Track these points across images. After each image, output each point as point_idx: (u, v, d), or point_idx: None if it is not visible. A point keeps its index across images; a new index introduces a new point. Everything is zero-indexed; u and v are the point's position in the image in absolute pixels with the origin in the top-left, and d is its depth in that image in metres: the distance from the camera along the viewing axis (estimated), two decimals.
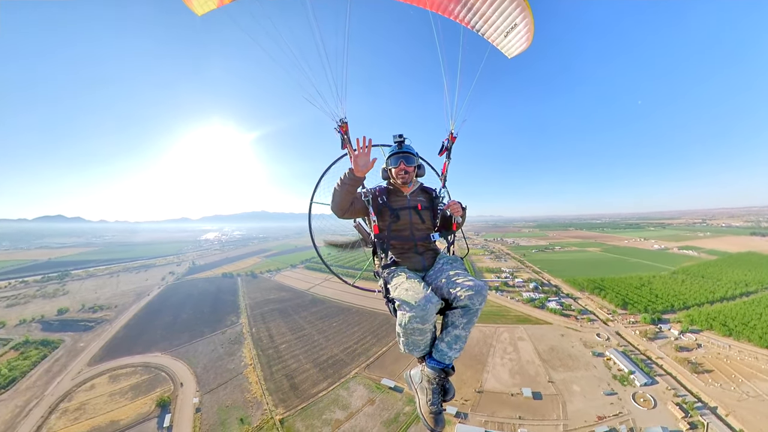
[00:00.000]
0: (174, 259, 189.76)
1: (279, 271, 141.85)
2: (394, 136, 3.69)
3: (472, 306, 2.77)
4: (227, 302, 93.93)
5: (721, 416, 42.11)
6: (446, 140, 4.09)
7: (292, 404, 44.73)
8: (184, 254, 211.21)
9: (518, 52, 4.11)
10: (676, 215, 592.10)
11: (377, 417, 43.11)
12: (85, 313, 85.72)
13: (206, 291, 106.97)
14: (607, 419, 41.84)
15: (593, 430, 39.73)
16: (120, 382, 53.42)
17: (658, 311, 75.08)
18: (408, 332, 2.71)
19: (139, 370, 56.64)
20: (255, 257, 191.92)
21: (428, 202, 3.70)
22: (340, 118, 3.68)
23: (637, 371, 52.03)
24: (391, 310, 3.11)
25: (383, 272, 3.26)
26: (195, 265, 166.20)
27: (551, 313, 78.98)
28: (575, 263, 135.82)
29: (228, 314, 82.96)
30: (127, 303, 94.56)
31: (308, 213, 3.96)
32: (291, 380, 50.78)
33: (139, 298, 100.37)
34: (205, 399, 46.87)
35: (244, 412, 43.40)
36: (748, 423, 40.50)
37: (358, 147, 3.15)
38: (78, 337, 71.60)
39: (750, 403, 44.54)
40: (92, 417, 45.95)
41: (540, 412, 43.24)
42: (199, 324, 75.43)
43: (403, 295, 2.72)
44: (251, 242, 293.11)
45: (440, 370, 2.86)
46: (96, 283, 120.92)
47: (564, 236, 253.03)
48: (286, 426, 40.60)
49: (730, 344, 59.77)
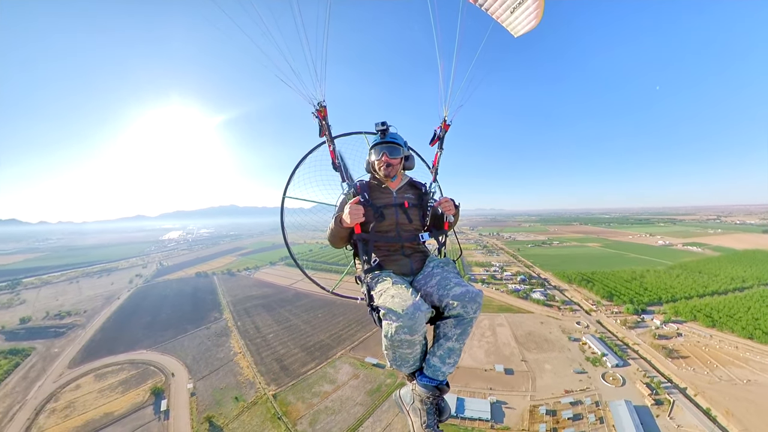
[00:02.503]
0: (138, 261, 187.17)
1: (258, 269, 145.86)
2: (376, 125, 3.44)
3: (466, 315, 2.68)
4: (207, 300, 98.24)
5: (690, 396, 47.16)
6: (439, 128, 3.83)
7: (283, 382, 52.03)
8: (148, 256, 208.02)
9: (525, 30, 3.86)
10: (691, 211, 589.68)
11: (361, 388, 51.36)
12: (52, 320, 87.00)
13: (182, 291, 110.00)
14: (573, 393, 48.24)
15: (559, 401, 46.58)
16: (107, 379, 57.90)
17: (644, 303, 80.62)
18: (395, 345, 2.59)
19: (125, 366, 61.18)
20: (229, 256, 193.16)
21: (417, 198, 3.54)
22: (318, 102, 3.43)
23: (609, 353, 57.56)
24: (375, 320, 2.98)
25: (366, 277, 3.07)
26: (163, 266, 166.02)
27: (534, 303, 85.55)
28: (570, 258, 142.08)
29: (210, 311, 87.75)
30: (96, 307, 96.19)
31: (281, 210, 3.87)
32: (281, 363, 57.88)
33: (109, 302, 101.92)
34: (198, 385, 52.97)
35: (238, 392, 50.16)
36: (716, 402, 45.41)
37: (352, 205, 3.04)
38: (50, 344, 73.90)
39: (721, 385, 49.35)
40: (84, 412, 50.49)
41: (510, 385, 50.42)
42: (181, 322, 79.90)
43: (389, 303, 2.58)
44: (222, 240, 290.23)
45: (434, 387, 2.72)
46: (54, 290, 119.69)
47: (566, 231, 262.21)
48: (279, 399, 47.93)
49: (712, 334, 64.71)
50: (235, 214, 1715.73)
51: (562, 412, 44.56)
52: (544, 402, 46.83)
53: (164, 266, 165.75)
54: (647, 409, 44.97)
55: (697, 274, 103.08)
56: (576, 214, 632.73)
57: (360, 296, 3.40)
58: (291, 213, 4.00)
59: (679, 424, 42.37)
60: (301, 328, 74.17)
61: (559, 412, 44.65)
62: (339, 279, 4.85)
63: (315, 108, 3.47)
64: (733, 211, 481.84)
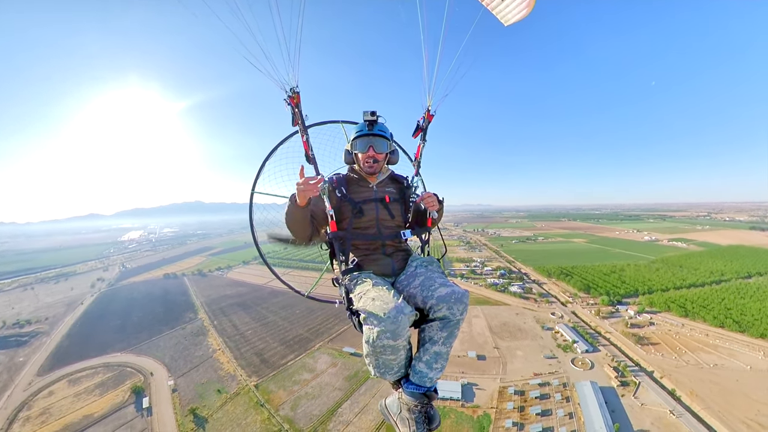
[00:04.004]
0: (97, 264, 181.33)
1: (231, 269, 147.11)
2: (365, 113, 3.27)
3: (452, 317, 2.67)
4: (179, 302, 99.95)
5: (656, 378, 51.59)
6: (422, 119, 3.77)
7: (264, 373, 57.13)
8: (108, 258, 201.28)
9: (516, 19, 3.85)
10: (683, 207, 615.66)
11: (340, 375, 57.49)
12: (11, 329, 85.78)
13: (151, 293, 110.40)
14: (542, 375, 52.84)
15: (528, 382, 51.56)
16: (82, 384, 60.13)
17: (620, 295, 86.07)
18: (378, 351, 2.52)
19: (100, 370, 63.45)
20: (198, 256, 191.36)
21: (398, 193, 3.47)
22: (291, 87, 3.33)
23: (580, 340, 62.05)
24: (355, 324, 2.93)
25: (344, 279, 3.01)
26: (126, 269, 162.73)
27: (511, 296, 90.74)
28: (553, 253, 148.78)
29: (184, 312, 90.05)
30: (59, 314, 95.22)
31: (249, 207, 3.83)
32: (261, 356, 62.76)
33: (72, 307, 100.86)
34: (179, 381, 56.84)
35: (220, 385, 54.70)
36: (682, 384, 49.82)
37: (306, 181, 2.79)
38: (13, 353, 73.84)
39: (688, 369, 54.10)
40: (61, 417, 52.89)
41: (482, 369, 54.90)
42: (154, 323, 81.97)
43: (370, 306, 2.52)
44: (189, 240, 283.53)
45: (421, 395, 2.68)
46: (8, 298, 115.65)
47: (553, 227, 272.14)
48: (261, 389, 53.08)
49: (684, 323, 69.75)
50: (201, 211, 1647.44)
51: (529, 392, 49.79)
52: (514, 384, 51.98)
53: (128, 269, 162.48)
54: (613, 390, 50.05)
55: (678, 268, 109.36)
56: (566, 210, 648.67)
57: (338, 300, 3.39)
58: (263, 209, 3.91)
59: (643, 403, 47.51)
60: (279, 324, 78.86)
61: (527, 392, 49.86)
62: (315, 282, 4.65)
63: (287, 94, 3.37)
64: (724, 209, 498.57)
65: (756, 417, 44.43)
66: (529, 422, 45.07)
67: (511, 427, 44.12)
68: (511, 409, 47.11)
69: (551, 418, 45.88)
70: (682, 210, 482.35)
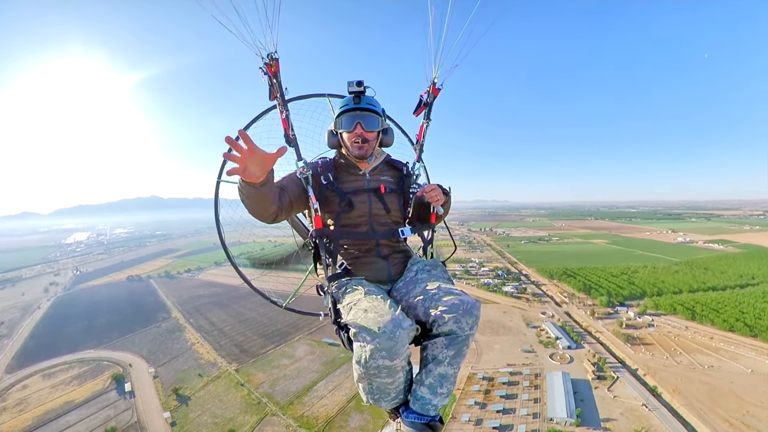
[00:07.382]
0: (45, 268, 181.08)
1: (202, 270, 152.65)
2: (349, 83, 2.94)
3: (460, 332, 2.35)
4: (149, 302, 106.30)
5: (639, 375, 54.48)
6: (425, 93, 3.44)
7: (244, 360, 66.39)
8: (56, 262, 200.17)
9: None
10: (736, 205, 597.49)
11: (317, 360, 67.50)
12: None
13: (115, 296, 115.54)
14: (515, 365, 57.24)
15: (498, 370, 56.24)
16: (58, 377, 66.84)
17: (623, 296, 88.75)
18: (371, 373, 2.22)
19: (74, 365, 70.18)
20: (161, 259, 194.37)
21: (396, 182, 3.16)
22: (269, 53, 2.99)
23: (563, 336, 65.42)
24: (344, 341, 2.59)
25: (330, 286, 2.74)
26: (81, 272, 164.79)
27: (503, 295, 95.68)
28: (564, 255, 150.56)
29: (155, 312, 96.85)
30: (15, 318, 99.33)
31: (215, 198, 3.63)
32: (240, 347, 71.77)
33: (28, 312, 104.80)
34: (160, 370, 64.99)
35: (201, 371, 63.38)
36: (666, 382, 52.21)
37: (239, 148, 2.16)
38: None
39: (678, 369, 56.65)
40: (40, 405, 59.88)
41: None
42: (125, 323, 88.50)
43: (361, 319, 2.22)
44: (148, 242, 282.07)
45: (424, 425, 2.38)
46: None
47: (574, 227, 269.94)
48: (242, 372, 62.39)
49: (688, 326, 72.46)
50: (158, 208, 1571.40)
51: (498, 378, 56.65)
52: (484, 371, 58.93)
53: (82, 273, 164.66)
54: (587, 382, 54.15)
55: (702, 270, 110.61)
56: (597, 208, 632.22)
57: (322, 311, 3.19)
58: (234, 204, 3.51)
59: (617, 395, 51.51)
60: (258, 321, 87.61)
61: (495, 378, 56.73)
62: (294, 290, 4.22)
63: (264, 61, 3.01)
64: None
65: (743, 417, 47.31)
66: (492, 403, 51.63)
67: (473, 405, 51.42)
68: (476, 391, 54.12)
69: (515, 401, 51.83)
70: (735, 208, 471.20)
